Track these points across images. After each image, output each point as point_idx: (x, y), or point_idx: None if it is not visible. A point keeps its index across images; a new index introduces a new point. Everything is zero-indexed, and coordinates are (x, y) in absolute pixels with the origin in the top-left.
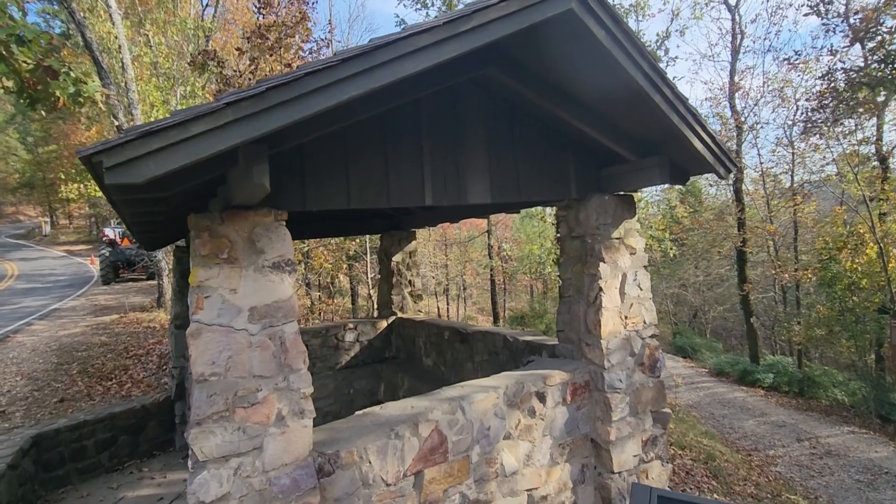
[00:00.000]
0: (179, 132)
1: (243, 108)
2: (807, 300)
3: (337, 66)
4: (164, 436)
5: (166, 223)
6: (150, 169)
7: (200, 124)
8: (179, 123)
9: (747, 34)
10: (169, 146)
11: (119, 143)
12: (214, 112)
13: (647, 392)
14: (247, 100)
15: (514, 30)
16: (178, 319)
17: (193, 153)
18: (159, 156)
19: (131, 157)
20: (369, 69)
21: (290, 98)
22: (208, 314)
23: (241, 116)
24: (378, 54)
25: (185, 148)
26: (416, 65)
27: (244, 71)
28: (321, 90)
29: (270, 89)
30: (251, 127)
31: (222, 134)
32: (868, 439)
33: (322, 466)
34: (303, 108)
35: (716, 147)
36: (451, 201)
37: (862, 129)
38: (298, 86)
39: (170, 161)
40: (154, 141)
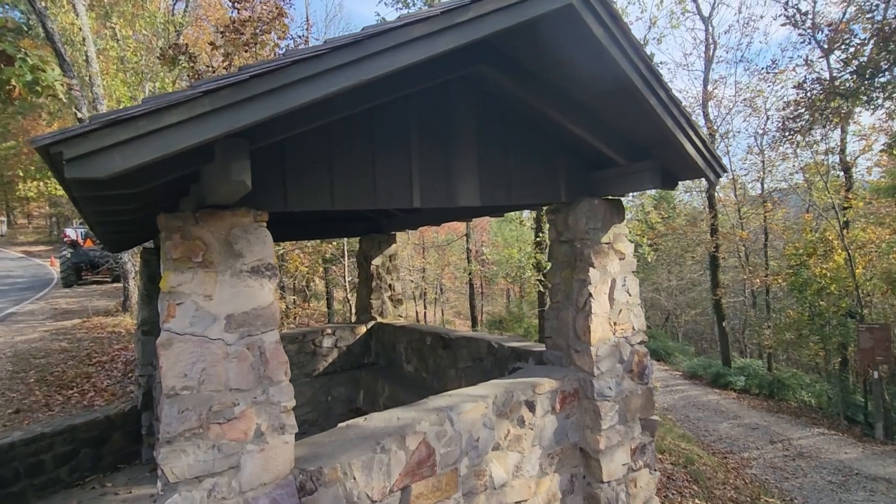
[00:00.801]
0: (150, 122)
1: (222, 97)
2: (777, 305)
3: (326, 55)
4: (129, 448)
5: (133, 223)
6: (115, 162)
7: (174, 114)
8: (150, 112)
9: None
10: (138, 137)
11: (81, 132)
12: (190, 101)
13: (636, 399)
14: (226, 88)
15: (512, 23)
16: (146, 325)
17: (165, 146)
18: (127, 148)
19: (95, 149)
20: (361, 59)
21: (275, 87)
22: (180, 322)
23: (220, 106)
24: (370, 43)
25: (155, 140)
26: (410, 56)
27: (217, 67)
28: (309, 80)
29: (254, 77)
30: (231, 118)
31: (198, 125)
32: (837, 440)
33: (304, 484)
34: (288, 99)
35: (707, 152)
36: (439, 203)
37: (827, 140)
38: (284, 74)
39: (138, 154)
40: (121, 131)
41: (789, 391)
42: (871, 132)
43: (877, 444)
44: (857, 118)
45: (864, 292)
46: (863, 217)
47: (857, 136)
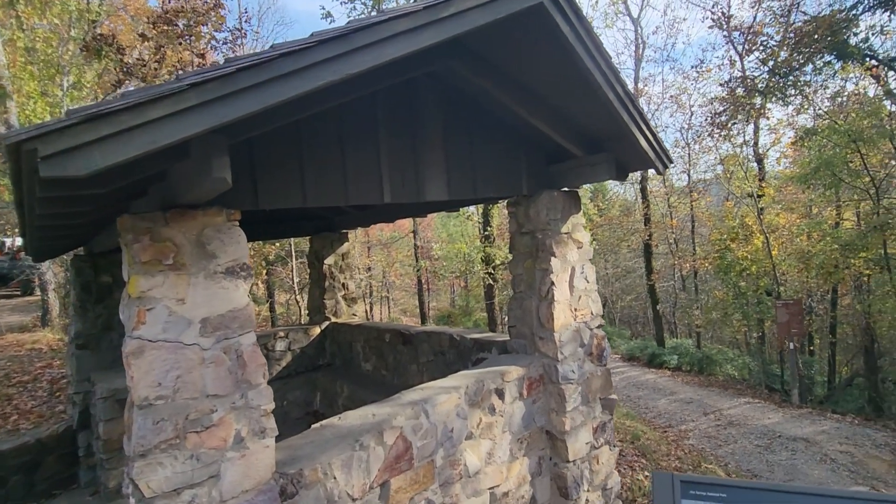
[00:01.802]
0: (133, 116)
1: (209, 90)
2: (704, 287)
3: (314, 48)
4: (65, 472)
5: (81, 227)
6: (95, 160)
7: (159, 108)
8: (133, 106)
9: (649, 44)
10: (120, 133)
11: (58, 127)
12: (175, 94)
13: (597, 381)
14: (213, 81)
15: (490, 19)
16: (80, 338)
17: (150, 142)
18: (108, 144)
19: (73, 146)
20: (348, 53)
21: (262, 81)
22: (152, 329)
23: (207, 100)
24: (357, 37)
25: (140, 135)
26: (394, 51)
27: (149, 59)
28: (296, 73)
29: (240, 70)
30: (218, 113)
31: (184, 119)
32: (761, 408)
33: (285, 488)
34: (275, 94)
35: (657, 144)
36: (409, 198)
37: (742, 134)
38: (271, 68)
39: (121, 150)
40: (102, 126)
41: (717, 366)
42: (779, 126)
43: (794, 409)
44: (769, 113)
45: (780, 272)
46: (775, 204)
47: (768, 130)
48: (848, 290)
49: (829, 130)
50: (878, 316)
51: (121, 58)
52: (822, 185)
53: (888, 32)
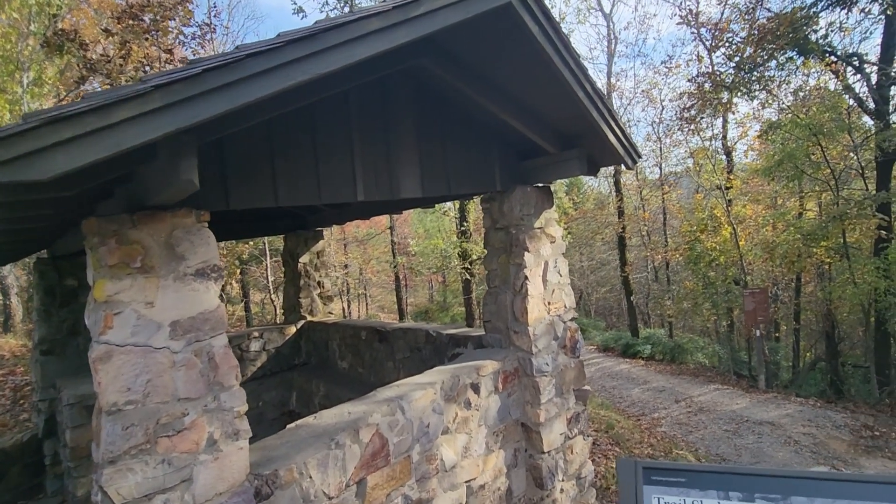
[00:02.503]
0: (98, 118)
1: (175, 91)
2: (675, 277)
3: (282, 48)
4: (30, 482)
5: (41, 230)
6: (57, 163)
7: (125, 109)
8: (98, 108)
9: (620, 40)
10: (85, 135)
11: (18, 130)
12: (141, 95)
13: (570, 372)
14: (179, 82)
15: (460, 18)
16: (44, 344)
17: (114, 144)
18: (72, 147)
19: (35, 149)
20: (318, 52)
21: (230, 82)
22: (120, 333)
23: (173, 102)
24: (327, 37)
25: (105, 137)
26: (365, 50)
27: (114, 55)
28: (264, 74)
29: (206, 71)
30: (184, 114)
31: (150, 121)
32: (729, 394)
33: (259, 489)
34: (243, 94)
35: (626, 140)
36: (383, 196)
37: (711, 128)
38: (239, 68)
39: (86, 153)
40: (65, 128)
41: (688, 354)
42: (746, 120)
43: (760, 394)
44: (735, 108)
45: (747, 261)
46: (743, 195)
47: (735, 124)
48: (811, 279)
49: (791, 124)
50: (838, 302)
51: (84, 54)
52: (784, 178)
53: (846, 29)
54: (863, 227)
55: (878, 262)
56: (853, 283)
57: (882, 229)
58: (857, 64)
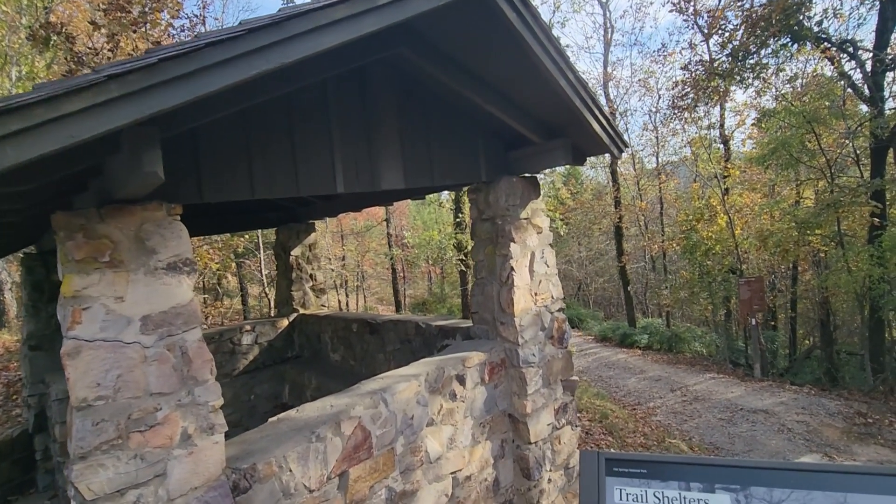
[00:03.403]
0: (47, 110)
1: (131, 81)
2: (672, 267)
3: (243, 37)
4: (21, 477)
5: (15, 226)
6: (7, 156)
7: (75, 101)
8: (46, 99)
9: (617, 28)
10: (33, 127)
11: None
12: (94, 86)
13: (558, 363)
14: (135, 72)
15: (431, 6)
16: (33, 339)
17: (66, 136)
18: (21, 139)
19: None
20: (281, 41)
21: (189, 72)
22: (89, 328)
23: (129, 92)
24: (290, 25)
25: (55, 130)
26: (333, 39)
27: (101, 48)
28: (225, 63)
29: (164, 60)
30: (141, 105)
31: (105, 112)
32: (725, 382)
33: (237, 483)
34: (203, 84)
35: (611, 129)
36: (363, 188)
37: (708, 116)
38: (198, 58)
39: (36, 146)
40: (12, 121)
41: (685, 344)
42: (743, 108)
43: (756, 382)
44: (732, 96)
45: (743, 250)
46: (739, 184)
47: (733, 112)
48: (807, 267)
49: (785, 112)
50: (833, 290)
51: (71, 47)
52: (779, 166)
53: (841, 16)
54: (857, 214)
55: (871, 250)
56: (847, 271)
57: (876, 217)
58: (851, 51)
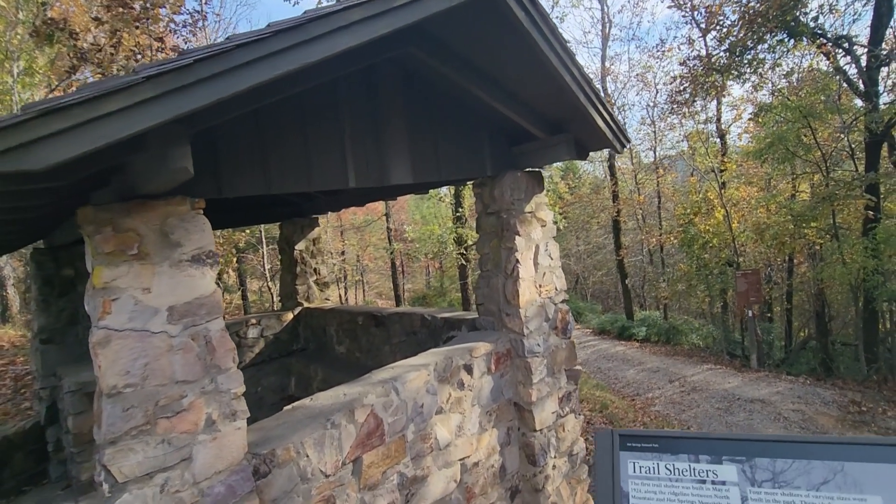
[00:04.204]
0: (86, 110)
1: (165, 82)
2: (670, 260)
3: (270, 39)
4: (34, 468)
5: (34, 221)
6: (51, 154)
7: (112, 102)
8: (86, 100)
9: (615, 23)
10: (75, 127)
11: (11, 123)
12: (130, 87)
13: (561, 353)
14: (170, 73)
15: (444, 7)
16: (44, 333)
17: (104, 135)
18: (63, 138)
19: (28, 140)
20: (303, 43)
21: (219, 72)
22: (118, 318)
23: (163, 92)
24: (312, 27)
25: (93, 129)
26: (349, 40)
27: (104, 45)
28: (252, 64)
29: (197, 61)
30: (175, 104)
31: (140, 112)
32: (722, 373)
33: (258, 468)
34: (232, 84)
35: (614, 124)
36: (374, 183)
37: (706, 111)
38: (228, 58)
39: (76, 145)
40: (56, 120)
41: (682, 336)
42: (740, 103)
43: (752, 373)
44: (729, 90)
45: (740, 243)
46: (735, 178)
47: (729, 107)
48: (803, 260)
49: (781, 107)
50: (828, 282)
51: (74, 43)
52: (776, 160)
53: (836, 11)
54: (851, 207)
55: (866, 242)
56: (843, 263)
57: (870, 209)
58: (847, 46)
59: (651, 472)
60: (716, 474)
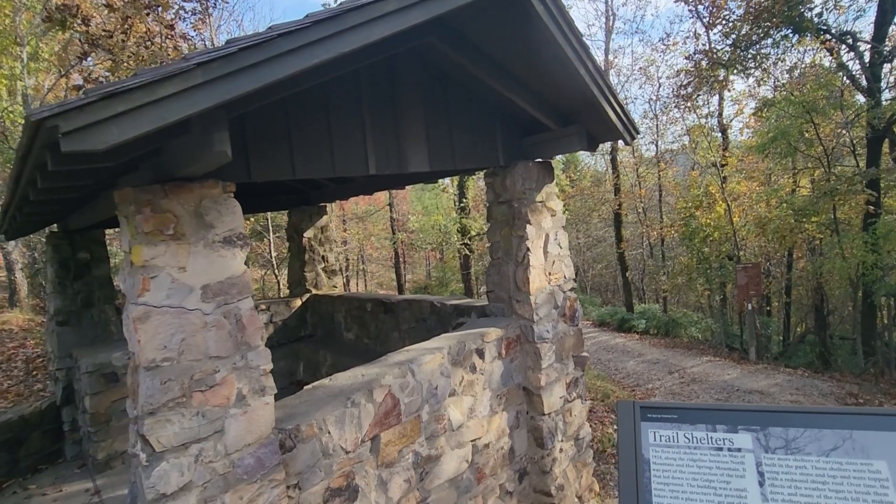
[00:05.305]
0: (145, 94)
1: (214, 69)
2: (670, 253)
3: (309, 28)
4: (50, 447)
5: (67, 202)
6: (112, 135)
7: (168, 86)
8: (145, 85)
9: (618, 16)
10: (134, 109)
11: (78, 105)
12: (184, 72)
13: (569, 339)
14: (218, 60)
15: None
16: (60, 315)
17: (160, 117)
18: (123, 120)
19: (92, 122)
20: (340, 32)
21: (263, 59)
22: (156, 295)
23: (212, 78)
24: (348, 17)
25: (151, 111)
26: (383, 30)
27: (115, 30)
28: (293, 52)
29: (243, 50)
30: (222, 90)
31: (192, 96)
32: (721, 365)
33: (283, 442)
34: (274, 71)
35: (624, 116)
36: (393, 170)
37: (707, 105)
38: (271, 47)
39: (135, 126)
40: (117, 103)
41: (682, 329)
42: (742, 97)
43: (751, 365)
44: (731, 85)
45: (740, 237)
46: (738, 172)
47: (731, 101)
48: (803, 254)
49: (785, 102)
50: (827, 276)
51: (86, 29)
52: (778, 155)
53: (841, 8)
54: (852, 202)
55: (866, 237)
56: (842, 258)
57: (870, 205)
58: (850, 42)
59: (671, 440)
60: (732, 442)
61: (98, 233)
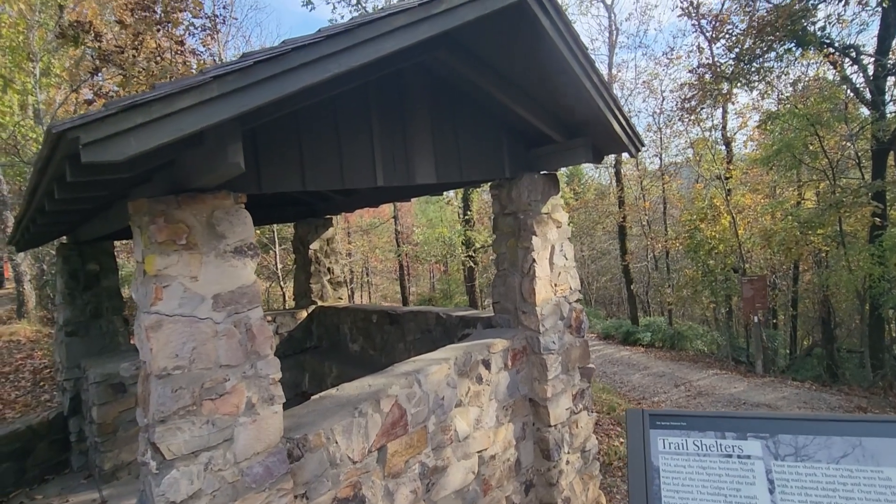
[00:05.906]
0: (164, 106)
1: (229, 82)
2: (675, 266)
3: (322, 43)
4: (57, 457)
5: (79, 213)
6: (131, 146)
7: (186, 98)
8: (164, 97)
9: (622, 31)
10: (152, 121)
11: (99, 117)
12: (200, 86)
13: (576, 351)
14: (233, 73)
15: (478, 14)
16: (69, 325)
17: (178, 129)
18: (142, 132)
19: (112, 133)
20: (352, 47)
21: (277, 73)
22: (169, 304)
23: (228, 91)
24: (360, 32)
25: (168, 123)
26: (393, 44)
27: (126, 46)
28: (307, 66)
29: (258, 63)
30: (238, 102)
31: (208, 109)
32: (728, 378)
33: (291, 451)
34: (289, 84)
35: (629, 129)
36: (400, 182)
37: (711, 118)
38: (285, 60)
39: (153, 137)
40: (136, 115)
41: (687, 341)
42: (746, 110)
43: (758, 378)
44: (735, 99)
45: (746, 249)
46: (742, 185)
47: (735, 114)
48: (809, 267)
49: (789, 115)
50: (834, 289)
51: (98, 45)
52: (783, 167)
53: (844, 21)
54: (858, 214)
55: (872, 249)
56: (848, 270)
57: (877, 217)
58: (854, 55)
59: (680, 447)
60: (741, 449)
61: (107, 244)
